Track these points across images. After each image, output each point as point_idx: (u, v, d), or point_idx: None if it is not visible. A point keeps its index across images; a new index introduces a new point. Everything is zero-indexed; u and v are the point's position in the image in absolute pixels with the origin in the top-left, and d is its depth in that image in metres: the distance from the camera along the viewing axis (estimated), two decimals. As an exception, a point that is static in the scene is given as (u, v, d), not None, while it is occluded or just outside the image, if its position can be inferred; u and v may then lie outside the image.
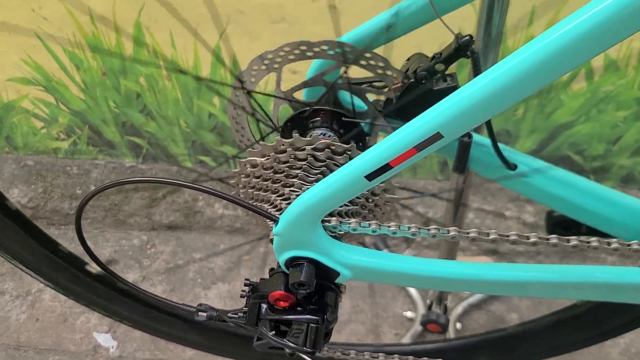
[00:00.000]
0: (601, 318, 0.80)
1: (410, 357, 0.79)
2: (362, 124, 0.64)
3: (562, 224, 0.78)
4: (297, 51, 0.60)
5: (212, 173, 1.55)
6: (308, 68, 0.65)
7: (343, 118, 0.62)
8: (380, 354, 0.76)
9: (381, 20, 0.62)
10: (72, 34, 1.28)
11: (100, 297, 0.85)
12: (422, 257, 0.59)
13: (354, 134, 0.63)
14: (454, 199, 0.92)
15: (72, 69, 1.36)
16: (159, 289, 1.43)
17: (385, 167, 0.47)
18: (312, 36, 0.59)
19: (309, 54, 0.60)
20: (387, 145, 0.46)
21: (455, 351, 0.93)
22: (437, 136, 0.44)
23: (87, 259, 0.81)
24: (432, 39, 0.70)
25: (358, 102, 0.65)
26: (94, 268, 0.83)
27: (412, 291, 1.35)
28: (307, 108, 0.62)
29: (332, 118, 0.62)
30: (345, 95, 0.65)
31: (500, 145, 0.66)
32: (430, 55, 0.59)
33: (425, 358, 0.79)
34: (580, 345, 0.86)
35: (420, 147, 0.45)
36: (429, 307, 1.23)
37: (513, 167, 0.69)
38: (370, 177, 0.48)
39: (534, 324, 0.86)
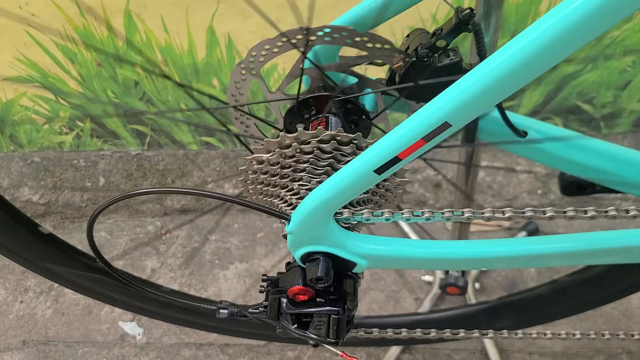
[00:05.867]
0: (619, 277, 0.80)
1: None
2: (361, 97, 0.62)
3: (575, 184, 0.77)
4: (263, 52, 0.58)
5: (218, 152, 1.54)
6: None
7: (334, 99, 0.60)
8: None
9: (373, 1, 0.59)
10: (62, 28, 1.26)
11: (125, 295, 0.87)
12: (438, 240, 0.58)
13: (355, 111, 0.62)
14: (465, 166, 0.91)
15: (67, 63, 1.34)
16: (178, 274, 1.44)
17: (394, 160, 0.46)
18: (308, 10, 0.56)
19: (275, 50, 0.57)
20: (395, 138, 0.45)
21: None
22: (445, 125, 0.43)
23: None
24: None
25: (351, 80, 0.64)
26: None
27: (429, 255, 1.35)
28: (294, 102, 0.60)
29: (324, 103, 0.60)
30: (336, 77, 0.64)
31: (509, 113, 0.65)
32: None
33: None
34: (602, 303, 0.86)
35: (428, 137, 0.44)
36: (447, 271, 1.24)
37: (523, 134, 0.67)
38: (380, 170, 0.47)
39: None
